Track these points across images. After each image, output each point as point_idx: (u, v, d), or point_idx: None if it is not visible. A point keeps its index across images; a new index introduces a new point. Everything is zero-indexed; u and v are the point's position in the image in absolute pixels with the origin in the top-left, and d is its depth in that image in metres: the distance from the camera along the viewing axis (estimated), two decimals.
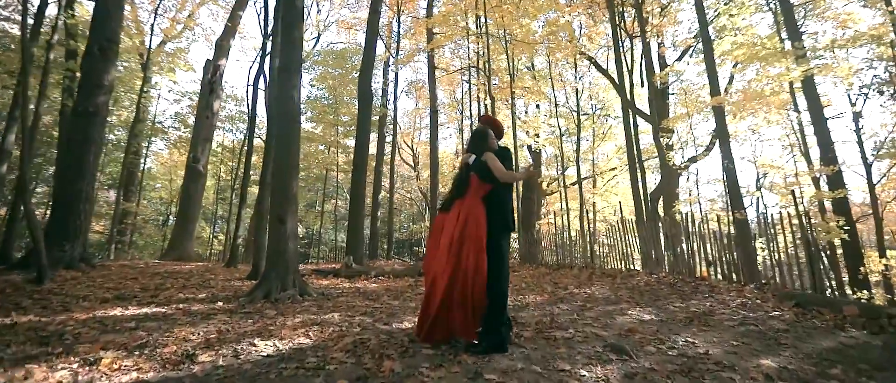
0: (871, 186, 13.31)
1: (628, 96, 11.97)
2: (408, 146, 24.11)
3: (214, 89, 14.11)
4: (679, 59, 16.12)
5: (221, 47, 15.11)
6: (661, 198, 14.41)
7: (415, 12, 18.89)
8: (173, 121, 20.16)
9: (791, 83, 12.49)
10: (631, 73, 14.23)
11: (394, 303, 4.13)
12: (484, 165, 2.73)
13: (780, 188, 12.07)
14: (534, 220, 15.72)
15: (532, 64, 18.74)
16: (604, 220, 20.39)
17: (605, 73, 15.96)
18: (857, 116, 14.39)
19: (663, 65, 15.85)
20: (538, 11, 13.00)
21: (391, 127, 19.66)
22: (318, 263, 12.41)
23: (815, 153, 14.05)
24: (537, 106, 19.64)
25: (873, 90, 14.84)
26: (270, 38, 9.52)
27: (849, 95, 15.19)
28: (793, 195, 4.87)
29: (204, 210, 20.25)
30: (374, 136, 19.72)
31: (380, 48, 21.17)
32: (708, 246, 5.39)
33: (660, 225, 6.29)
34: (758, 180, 19.13)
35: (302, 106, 21.03)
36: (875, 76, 14.41)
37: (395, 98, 19.67)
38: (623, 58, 12.47)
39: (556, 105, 17.00)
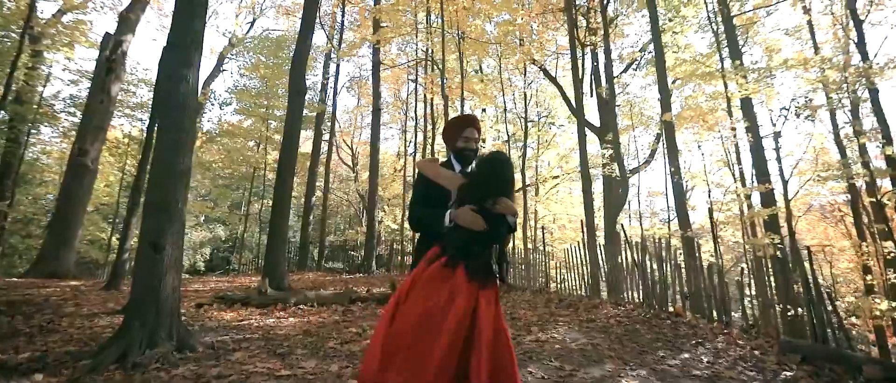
0: (787, 201, 14.10)
1: (581, 107, 11.59)
2: (347, 145, 22.66)
3: (114, 69, 11.93)
4: (624, 71, 16.29)
5: (127, 21, 12.89)
6: (605, 213, 14.34)
7: (361, 2, 17.56)
8: (67, 106, 17.20)
9: (729, 100, 12.79)
10: (581, 82, 14.03)
11: (308, 367, 3.02)
12: (512, 227, 1.91)
13: (723, 205, 12.27)
14: None
15: (480, 67, 18.17)
16: (544, 228, 20.32)
17: (553, 80, 15.73)
18: (777, 136, 15.30)
19: (610, 76, 15.92)
20: (494, 10, 12.33)
21: (329, 124, 18.18)
22: (234, 278, 10.77)
23: (746, 169, 14.76)
24: (484, 110, 19.13)
25: (792, 113, 15.90)
26: None
27: (771, 117, 16.17)
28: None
29: (104, 209, 17.51)
30: (309, 133, 18.15)
31: (321, 39, 19.58)
32: (683, 275, 4.82)
33: (627, 249, 5.69)
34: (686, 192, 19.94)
35: (229, 95, 18.90)
36: (793, 99, 15.44)
37: (335, 93, 18.25)
38: (579, 67, 12.11)
39: (506, 110, 16.50)
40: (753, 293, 4.65)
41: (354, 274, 13.31)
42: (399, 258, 15.57)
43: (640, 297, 5.32)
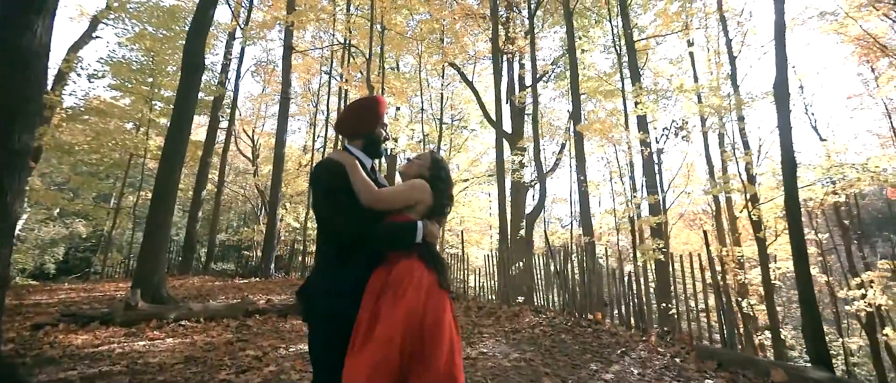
0: (665, 211, 15.94)
1: (501, 113, 11.78)
2: (248, 135, 20.67)
3: None
4: (538, 80, 17.06)
5: None
6: (511, 217, 14.83)
7: None
8: None
9: (627, 117, 13.95)
10: (498, 88, 14.38)
11: None
12: None
13: (619, 213, 13.29)
14: None
15: (397, 65, 17.76)
16: (450, 230, 20.54)
17: (470, 85, 15.94)
18: (660, 152, 17.26)
19: (523, 86, 16.61)
20: (418, 5, 12.07)
21: (229, 111, 16.36)
22: (96, 284, 8.98)
23: (635, 180, 16.39)
24: (398, 108, 18.76)
25: (671, 132, 18.09)
26: None
27: (655, 135, 18.25)
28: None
29: None
30: (204, 120, 16.14)
31: (225, 15, 17.44)
32: (606, 283, 4.91)
33: (549, 257, 5.69)
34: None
35: (102, 67, 15.94)
36: (673, 121, 17.58)
37: (238, 77, 16.45)
38: (501, 73, 12.30)
39: (422, 110, 16.29)
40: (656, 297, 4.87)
41: (249, 278, 12.00)
42: (300, 259, 14.40)
43: (560, 304, 5.34)
